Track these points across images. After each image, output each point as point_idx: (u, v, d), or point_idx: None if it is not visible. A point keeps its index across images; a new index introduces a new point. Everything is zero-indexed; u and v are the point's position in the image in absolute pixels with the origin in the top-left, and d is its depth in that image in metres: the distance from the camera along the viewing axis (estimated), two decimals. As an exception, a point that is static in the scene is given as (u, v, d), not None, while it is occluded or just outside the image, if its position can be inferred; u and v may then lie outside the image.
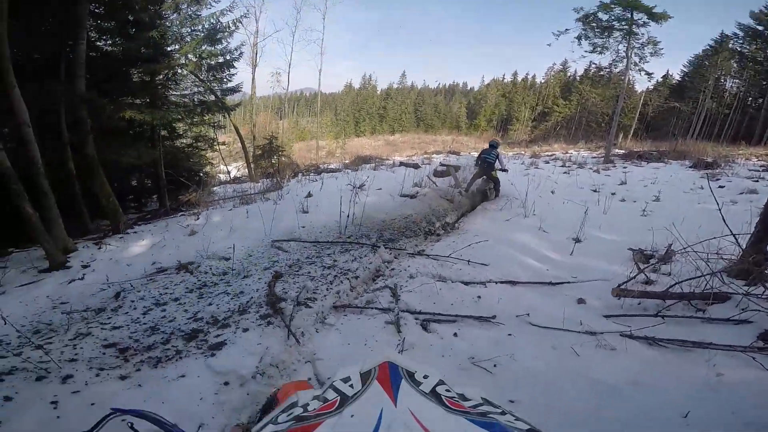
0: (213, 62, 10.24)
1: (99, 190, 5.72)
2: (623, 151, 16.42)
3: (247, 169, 14.90)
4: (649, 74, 18.50)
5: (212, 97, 9.89)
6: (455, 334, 2.47)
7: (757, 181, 8.54)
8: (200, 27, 9.87)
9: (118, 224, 5.76)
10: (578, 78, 40.66)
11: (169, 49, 8.49)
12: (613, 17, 16.48)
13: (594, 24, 16.91)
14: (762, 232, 3.22)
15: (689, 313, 2.72)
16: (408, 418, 0.42)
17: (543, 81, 45.94)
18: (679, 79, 34.68)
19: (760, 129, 25.40)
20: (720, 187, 8.22)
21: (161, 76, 8.17)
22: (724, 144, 20.20)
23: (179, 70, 8.90)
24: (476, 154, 8.41)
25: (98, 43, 7.15)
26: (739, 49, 29.46)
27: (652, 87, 34.03)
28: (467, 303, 2.89)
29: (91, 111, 5.60)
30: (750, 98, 30.67)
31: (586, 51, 17.79)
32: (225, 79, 10.80)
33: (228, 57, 10.73)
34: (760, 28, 26.41)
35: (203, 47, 9.76)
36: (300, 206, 5.86)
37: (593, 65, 35.32)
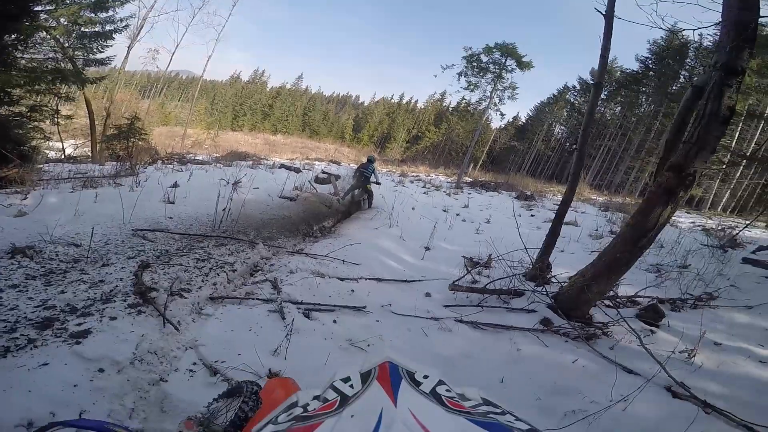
0: (89, 30, 8.71)
1: None
2: (471, 180, 19.55)
3: (90, 149, 12.54)
4: (503, 114, 22.75)
5: (69, 66, 8.29)
6: (334, 321, 2.87)
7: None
8: None
9: None
10: (450, 109, 45.60)
11: (37, 8, 6.94)
12: (490, 60, 19.74)
13: (475, 63, 19.98)
14: (545, 248, 4.57)
15: (498, 304, 3.55)
16: (408, 418, 0.42)
17: (423, 107, 50.68)
18: (524, 122, 41.75)
19: (569, 170, 31.52)
20: (532, 216, 10.78)
21: (13, 36, 6.60)
22: (543, 181, 25.62)
23: (42, 33, 7.33)
24: (355, 167, 9.11)
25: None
26: (572, 100, 35.85)
27: (503, 126, 40.90)
28: (342, 295, 3.35)
29: None
30: (568, 144, 36.41)
31: (461, 87, 20.92)
32: (95, 49, 9.33)
33: (108, 27, 9.26)
34: (591, 81, 31.76)
35: (84, 13, 8.22)
36: (165, 196, 5.47)
37: (464, 100, 39.92)
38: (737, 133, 19.56)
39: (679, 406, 2.20)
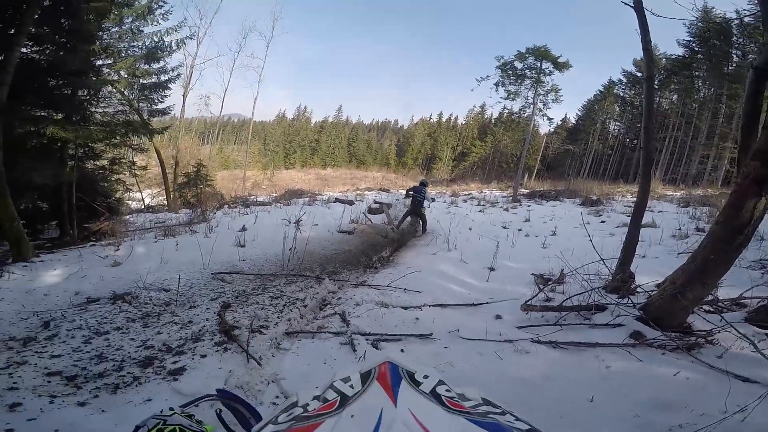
0: (147, 82, 9.76)
1: (2, 212, 5.09)
2: (528, 191, 18.69)
3: (165, 197, 13.87)
4: (550, 119, 21.91)
5: (137, 118, 9.30)
6: (402, 350, 2.87)
7: (629, 216, 10.55)
8: (140, 44, 9.44)
9: (22, 252, 5.14)
10: (493, 121, 44.62)
11: (99, 63, 7.88)
12: (525, 66, 19.37)
13: (510, 72, 19.73)
14: (624, 257, 4.20)
15: (579, 321, 3.33)
16: (408, 418, 0.42)
17: (464, 122, 50.24)
18: (574, 123, 39.72)
19: (634, 168, 27.90)
20: (602, 222, 9.99)
21: (86, 92, 7.44)
22: (607, 182, 23.75)
23: (108, 87, 8.29)
24: (403, 192, 9.18)
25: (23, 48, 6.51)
26: (621, 94, 33.82)
27: (552, 130, 39.09)
28: (408, 324, 3.33)
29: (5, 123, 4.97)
30: (627, 140, 34.50)
31: (501, 97, 20.67)
32: (156, 100, 10.29)
33: (163, 78, 10.32)
34: (639, 74, 28.68)
35: (139, 65, 9.30)
36: (236, 240, 5.91)
37: (506, 110, 39.26)
38: None
39: None
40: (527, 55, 19.02)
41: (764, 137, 2.60)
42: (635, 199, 4.53)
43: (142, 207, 12.33)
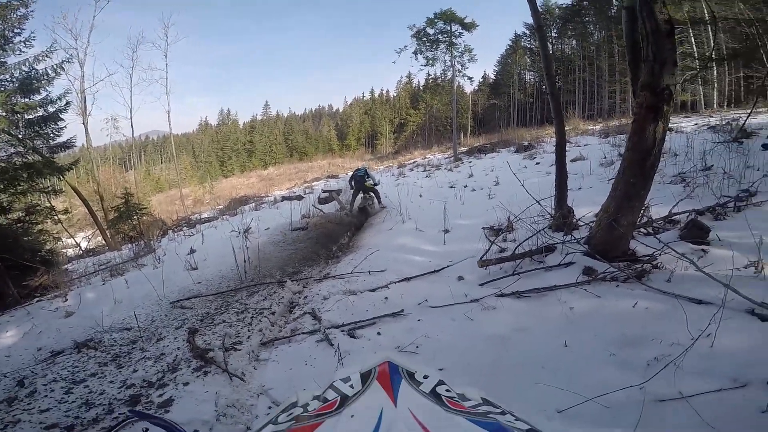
0: (32, 117, 8.73)
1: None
2: (466, 148, 19.38)
3: (102, 237, 12.85)
4: (470, 78, 22.60)
5: (38, 158, 8.37)
6: (378, 333, 2.92)
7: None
8: (7, 76, 8.35)
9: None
10: (421, 88, 45.26)
11: None
12: (437, 31, 19.71)
13: (425, 39, 19.96)
14: (559, 194, 4.48)
15: (534, 267, 3.42)
16: (408, 418, 0.42)
17: (396, 94, 50.55)
18: (494, 78, 41.68)
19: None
20: (537, 164, 10.70)
21: None
22: (535, 127, 25.54)
23: None
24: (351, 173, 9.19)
25: None
26: (529, 46, 35.92)
27: (476, 88, 40.66)
28: (378, 306, 3.39)
29: None
30: (543, 86, 36.34)
31: (422, 65, 20.90)
32: (52, 134, 9.26)
33: (51, 109, 9.25)
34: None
35: (16, 99, 8.28)
36: (186, 264, 5.64)
37: (430, 76, 39.94)
38: (693, 38, 19.20)
39: None
40: (436, 20, 19.37)
41: (647, 70, 2.85)
42: (555, 138, 4.82)
43: (81, 252, 11.29)
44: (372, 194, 8.24)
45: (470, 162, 14.08)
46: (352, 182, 8.27)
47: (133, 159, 34.18)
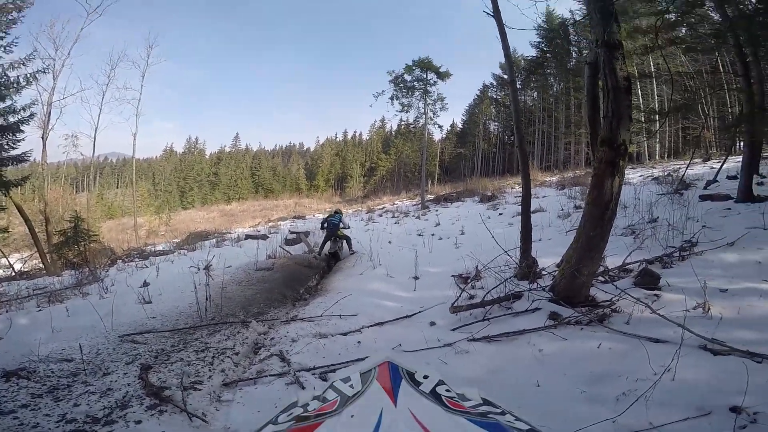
0: None
1: None
2: (433, 196, 20.10)
3: (41, 260, 11.74)
4: (440, 126, 23.94)
5: None
6: (352, 377, 2.85)
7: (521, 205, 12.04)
8: None
9: None
10: (393, 134, 46.81)
11: None
12: (413, 78, 20.95)
13: (402, 85, 21.09)
14: (523, 245, 4.74)
15: (502, 312, 3.59)
16: (408, 418, 0.42)
17: (368, 138, 52.00)
18: (461, 127, 44.00)
19: (516, 162, 33.54)
20: (500, 214, 11.22)
21: None
22: (497, 177, 26.95)
23: None
24: (321, 216, 9.20)
25: None
26: (495, 97, 38.45)
27: (444, 136, 42.54)
28: (351, 349, 3.33)
29: None
30: (506, 137, 38.59)
31: (397, 110, 21.93)
32: (7, 146, 8.81)
33: (11, 119, 8.85)
34: (505, 76, 32.45)
35: None
36: (139, 297, 5.26)
37: (403, 122, 41.81)
38: (639, 91, 21.72)
39: (726, 362, 2.19)
40: (414, 67, 20.64)
41: (606, 126, 3.13)
42: (522, 192, 5.17)
43: (12, 274, 10.19)
44: (344, 240, 8.26)
45: (437, 210, 14.59)
46: (325, 226, 8.26)
47: (87, 180, 32.12)
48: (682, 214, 5.07)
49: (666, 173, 10.46)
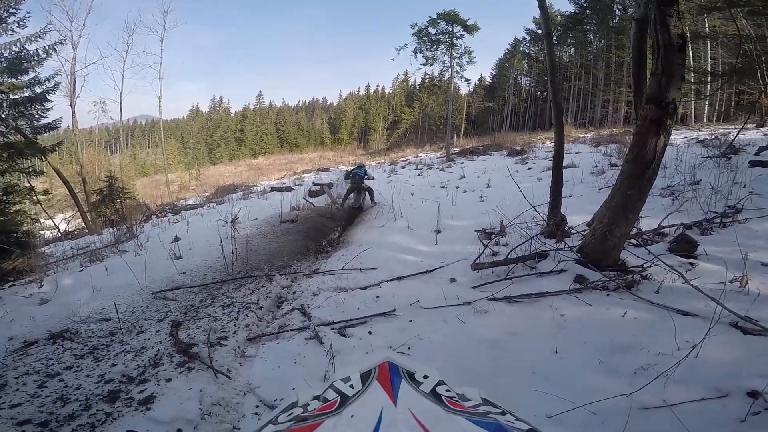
0: (18, 97, 8.56)
1: None
2: (459, 149, 19.44)
3: (82, 220, 12.51)
4: (467, 80, 22.67)
5: (20, 138, 8.20)
6: (370, 332, 2.87)
7: (551, 161, 11.50)
8: None
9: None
10: (418, 87, 45.29)
11: None
12: (439, 31, 19.72)
13: (425, 38, 19.95)
14: (553, 202, 4.52)
15: (526, 272, 3.43)
16: (408, 418, 0.41)
17: (391, 91, 50.41)
18: (490, 81, 42.01)
19: (548, 117, 30.78)
20: (529, 169, 10.76)
21: None
22: (527, 132, 25.90)
23: None
24: (344, 168, 9.11)
25: None
26: (527, 52, 36.63)
27: (471, 90, 40.85)
28: (369, 304, 3.35)
29: None
30: (538, 92, 37.49)
31: (420, 64, 20.89)
32: (37, 115, 9.11)
33: (38, 90, 9.10)
34: (539, 31, 30.70)
35: (2, 79, 8.09)
36: (171, 252, 5.50)
37: (427, 75, 40.27)
38: (691, 52, 19.65)
39: (754, 343, 2.06)
40: (439, 21, 19.34)
41: (654, 83, 2.85)
42: (554, 146, 4.85)
43: (59, 235, 10.95)
44: (367, 192, 8.20)
45: (462, 163, 14.12)
46: (350, 178, 8.19)
47: (119, 142, 33.38)
48: (729, 178, 4.63)
49: (713, 136, 9.52)
